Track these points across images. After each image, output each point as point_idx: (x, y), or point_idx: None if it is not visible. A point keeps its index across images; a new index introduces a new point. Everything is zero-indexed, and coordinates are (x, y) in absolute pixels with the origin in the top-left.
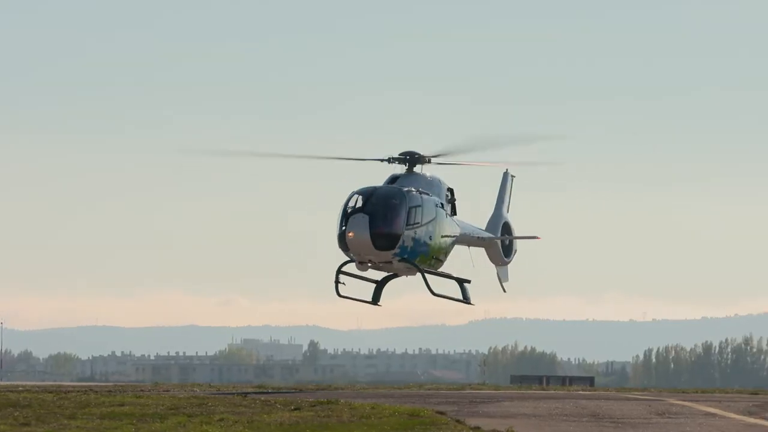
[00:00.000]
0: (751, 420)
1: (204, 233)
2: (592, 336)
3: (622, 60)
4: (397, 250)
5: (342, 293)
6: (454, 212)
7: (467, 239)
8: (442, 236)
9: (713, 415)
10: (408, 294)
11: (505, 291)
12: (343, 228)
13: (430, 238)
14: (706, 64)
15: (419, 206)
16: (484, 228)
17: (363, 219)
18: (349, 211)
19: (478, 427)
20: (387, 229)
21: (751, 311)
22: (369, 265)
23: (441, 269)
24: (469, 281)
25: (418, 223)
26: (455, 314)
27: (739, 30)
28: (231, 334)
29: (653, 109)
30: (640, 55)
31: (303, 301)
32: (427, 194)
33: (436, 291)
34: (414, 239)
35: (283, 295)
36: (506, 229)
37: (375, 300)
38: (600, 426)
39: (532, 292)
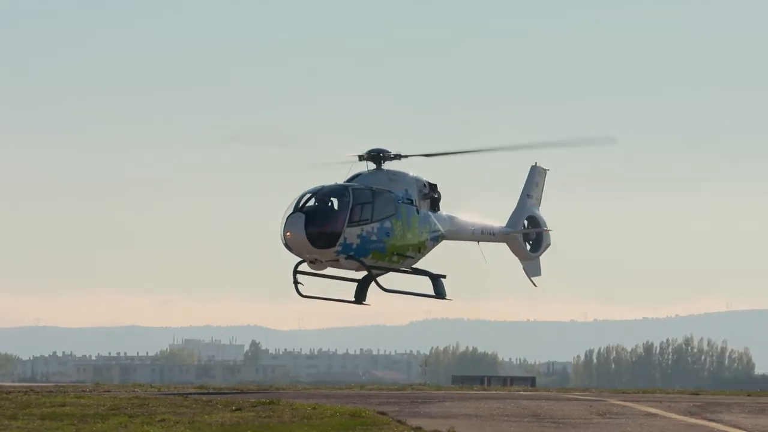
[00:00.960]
0: (692, 420)
1: (146, 233)
2: (534, 336)
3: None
4: (338, 248)
5: (304, 293)
6: (434, 207)
7: (468, 235)
8: (410, 232)
9: (654, 415)
10: (348, 293)
11: (535, 286)
12: (284, 228)
13: (388, 234)
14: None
15: (368, 203)
16: (505, 223)
17: (300, 218)
18: (290, 211)
19: (419, 428)
20: (323, 227)
21: (692, 312)
22: (321, 263)
23: (416, 265)
24: (443, 276)
25: (367, 219)
26: (396, 314)
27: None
28: (172, 335)
29: (594, 108)
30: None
31: (244, 301)
32: (387, 191)
33: (388, 287)
34: (361, 236)
35: (225, 296)
36: (532, 223)
37: (359, 299)
38: (541, 426)
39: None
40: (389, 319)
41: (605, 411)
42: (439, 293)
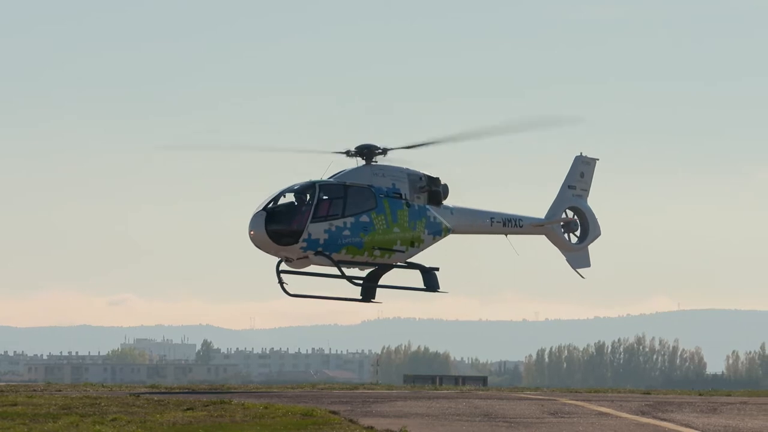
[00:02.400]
0: (644, 420)
1: (97, 233)
2: (485, 336)
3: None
4: (302, 244)
5: (291, 292)
6: (435, 201)
7: (486, 227)
8: (397, 226)
9: (606, 414)
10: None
11: (582, 278)
12: (248, 227)
13: (366, 229)
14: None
15: (339, 198)
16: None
17: (261, 216)
18: (257, 210)
19: (371, 427)
20: (283, 224)
21: (644, 311)
22: (295, 261)
23: (411, 260)
24: (436, 269)
25: (337, 215)
26: (348, 314)
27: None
28: (124, 334)
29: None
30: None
31: (196, 300)
32: (365, 186)
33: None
34: (330, 232)
35: (176, 295)
36: (577, 214)
37: (366, 297)
38: (493, 426)
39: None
40: (341, 318)
41: (557, 410)
42: (430, 286)
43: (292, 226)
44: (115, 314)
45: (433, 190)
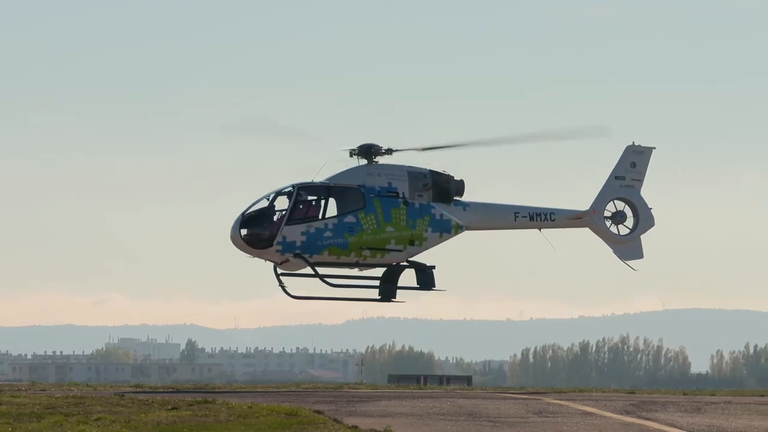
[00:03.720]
0: (628, 419)
1: (81, 233)
2: (470, 335)
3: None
4: (278, 247)
5: (294, 294)
6: (444, 198)
7: (509, 222)
8: (391, 225)
9: (590, 414)
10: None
11: (634, 270)
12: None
13: (351, 229)
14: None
15: (320, 200)
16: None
17: (238, 221)
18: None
19: (356, 427)
20: (255, 227)
21: (628, 311)
22: (282, 263)
23: (413, 259)
24: (433, 267)
25: (315, 216)
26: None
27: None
28: (108, 334)
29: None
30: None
31: (181, 300)
32: (353, 186)
33: (335, 282)
34: (308, 234)
35: (161, 295)
36: (611, 206)
37: (385, 297)
38: (477, 425)
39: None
40: (326, 318)
41: (541, 410)
42: (424, 284)
43: (265, 230)
44: (100, 314)
45: (442, 187)
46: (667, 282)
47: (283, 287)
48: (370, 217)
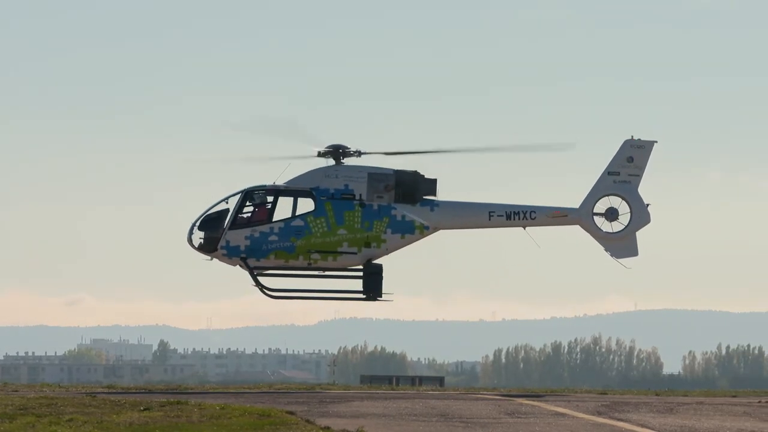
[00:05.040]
0: (600, 420)
1: (53, 232)
2: (442, 336)
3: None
4: (222, 251)
5: (272, 294)
6: (409, 199)
7: (483, 221)
8: (343, 227)
9: (563, 414)
10: (257, 293)
11: (627, 268)
12: None
13: (299, 232)
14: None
15: (266, 204)
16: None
17: (190, 225)
18: None
19: (328, 427)
20: (202, 231)
21: (600, 311)
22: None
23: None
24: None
25: (260, 220)
26: (305, 314)
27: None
28: (80, 334)
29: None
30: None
31: (153, 300)
32: (304, 189)
33: (272, 293)
34: (252, 238)
35: (133, 295)
36: (602, 203)
37: (369, 295)
38: (450, 426)
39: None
40: (298, 318)
41: (514, 410)
42: (368, 292)
43: (211, 234)
44: (72, 314)
45: (407, 187)
46: (639, 282)
47: (259, 285)
48: (320, 219)
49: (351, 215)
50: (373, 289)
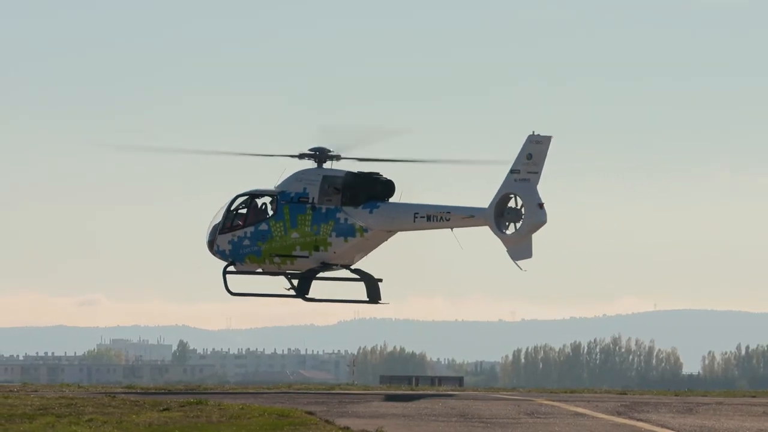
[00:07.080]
0: (620, 420)
1: (72, 233)
2: (462, 336)
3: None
4: (218, 255)
5: (233, 290)
6: (352, 201)
7: (409, 224)
8: (296, 231)
9: (582, 415)
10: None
11: (522, 270)
12: None
13: (263, 237)
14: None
15: (244, 208)
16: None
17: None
18: None
19: (347, 427)
20: (209, 235)
21: (620, 311)
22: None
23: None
24: (380, 280)
25: (239, 225)
26: (325, 314)
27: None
28: (100, 335)
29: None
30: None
31: (172, 300)
32: (273, 192)
33: (234, 291)
34: (233, 242)
35: (153, 295)
36: (504, 202)
37: (300, 292)
38: (469, 426)
39: (401, 292)
40: (318, 318)
41: (533, 411)
42: (371, 297)
43: (210, 238)
44: (91, 315)
45: (352, 189)
46: (659, 283)
47: (225, 284)
48: (279, 224)
49: (303, 219)
50: (374, 296)
